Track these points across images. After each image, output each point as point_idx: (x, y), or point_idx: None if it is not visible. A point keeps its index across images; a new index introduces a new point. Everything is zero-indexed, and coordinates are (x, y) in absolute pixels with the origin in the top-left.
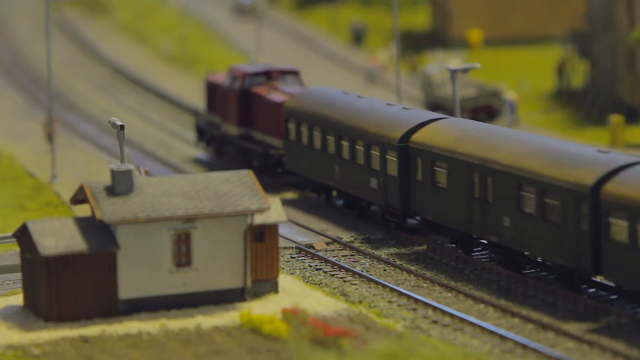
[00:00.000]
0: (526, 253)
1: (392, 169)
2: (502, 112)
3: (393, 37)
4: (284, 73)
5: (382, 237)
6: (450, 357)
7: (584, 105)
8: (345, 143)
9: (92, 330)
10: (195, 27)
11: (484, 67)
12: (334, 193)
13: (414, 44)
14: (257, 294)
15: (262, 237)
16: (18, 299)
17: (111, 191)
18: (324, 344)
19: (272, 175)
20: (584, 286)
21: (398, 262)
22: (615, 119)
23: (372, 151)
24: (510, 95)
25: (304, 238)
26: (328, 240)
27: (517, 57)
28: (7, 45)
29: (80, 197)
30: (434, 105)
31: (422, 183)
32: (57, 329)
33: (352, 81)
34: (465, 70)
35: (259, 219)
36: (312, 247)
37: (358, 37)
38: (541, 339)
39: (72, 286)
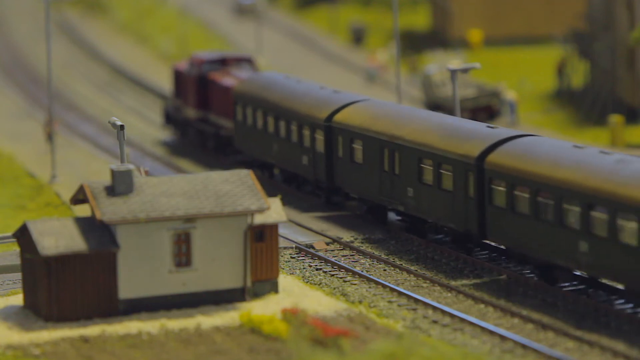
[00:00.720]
0: (428, 220)
1: (320, 146)
2: (502, 112)
3: (393, 37)
4: (238, 60)
5: (382, 237)
6: (450, 357)
7: (584, 105)
8: (282, 123)
9: (92, 330)
10: (195, 27)
11: (484, 67)
12: (276, 170)
13: (414, 44)
14: (257, 294)
15: (262, 237)
16: (18, 299)
17: (111, 191)
18: (324, 344)
19: (224, 154)
20: (476, 249)
21: (398, 262)
22: (615, 119)
23: (303, 130)
24: (510, 95)
25: (303, 238)
26: (328, 240)
27: (517, 57)
28: (7, 45)
29: (80, 197)
30: (434, 105)
31: (343, 159)
32: (57, 329)
33: (352, 81)
34: (465, 70)
35: (258, 219)
36: (312, 247)
37: (358, 37)
38: (541, 339)
39: (72, 286)
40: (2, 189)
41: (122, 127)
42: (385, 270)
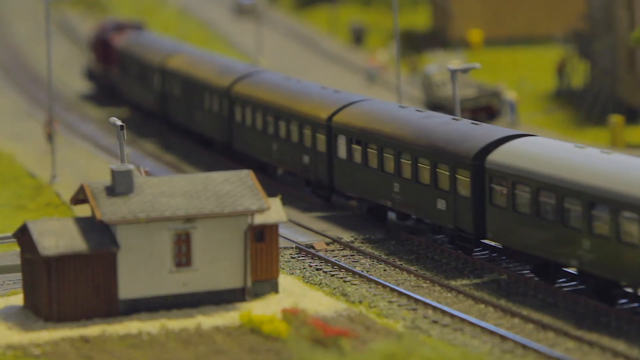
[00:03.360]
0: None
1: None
2: (502, 112)
3: (393, 37)
4: (130, 27)
5: (382, 237)
6: (450, 357)
7: (584, 106)
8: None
9: (92, 330)
10: (195, 27)
11: (484, 67)
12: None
13: (414, 44)
14: (257, 294)
15: (262, 237)
16: (18, 299)
17: (111, 191)
18: (324, 344)
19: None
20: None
21: (398, 262)
22: (616, 119)
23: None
24: (510, 95)
25: (304, 238)
26: (328, 240)
27: (517, 57)
28: (7, 45)
29: (80, 197)
30: (434, 105)
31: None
32: (57, 329)
33: (352, 81)
34: (465, 71)
35: (259, 219)
36: (312, 247)
37: (358, 37)
38: (541, 339)
39: (72, 286)
40: (2, 189)
41: (122, 127)
42: (385, 270)
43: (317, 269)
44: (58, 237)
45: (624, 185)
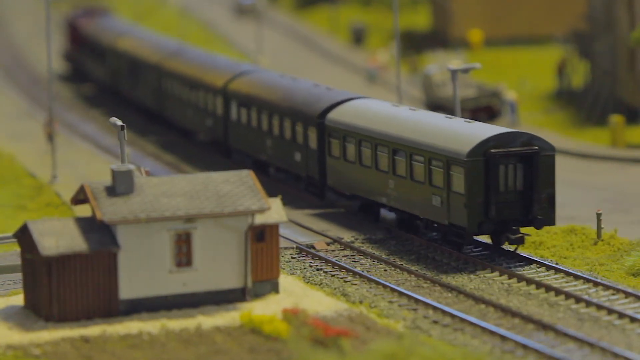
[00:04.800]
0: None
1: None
2: (502, 112)
3: (393, 37)
4: (98, 12)
5: (382, 237)
6: (451, 358)
7: (585, 106)
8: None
9: (93, 330)
10: (195, 27)
11: (484, 67)
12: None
13: (414, 44)
14: (257, 294)
15: (262, 237)
16: (18, 299)
17: (112, 191)
18: (324, 344)
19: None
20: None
21: (398, 262)
22: (616, 119)
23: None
24: (510, 95)
25: (304, 238)
26: (328, 240)
27: (517, 57)
28: (7, 45)
29: (80, 197)
30: (435, 105)
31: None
32: (57, 329)
33: (352, 81)
34: (465, 71)
35: (259, 219)
36: (312, 247)
37: (358, 37)
38: (542, 340)
39: (72, 286)
40: (3, 189)
41: (122, 127)
42: (385, 270)
43: (317, 269)
44: (58, 237)
45: (415, 134)
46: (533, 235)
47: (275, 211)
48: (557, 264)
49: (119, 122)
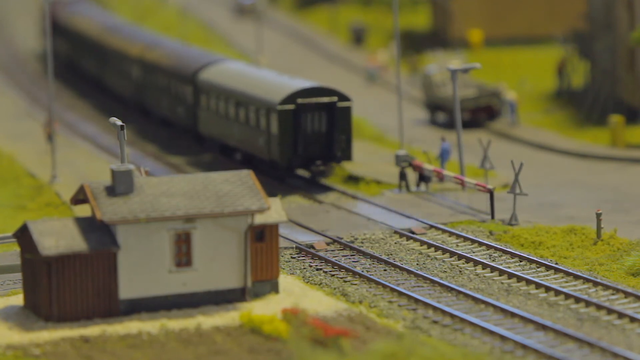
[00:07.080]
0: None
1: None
2: (502, 112)
3: (393, 37)
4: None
5: (382, 237)
6: (451, 358)
7: (584, 106)
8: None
9: (92, 330)
10: (195, 27)
11: (484, 67)
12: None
13: (414, 44)
14: (257, 294)
15: (262, 237)
16: (18, 299)
17: (111, 191)
18: (324, 344)
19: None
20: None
21: (398, 262)
22: (616, 119)
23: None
24: (510, 95)
25: (304, 238)
26: (328, 240)
27: (517, 57)
28: (7, 45)
29: (80, 197)
30: (434, 105)
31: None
32: (57, 329)
33: (352, 81)
34: (465, 71)
35: (259, 219)
36: (312, 247)
37: (358, 37)
38: (541, 340)
39: (72, 286)
40: (2, 189)
41: (122, 127)
42: (385, 270)
43: (317, 269)
44: (58, 237)
45: (248, 88)
46: (533, 235)
47: (274, 211)
48: (556, 263)
49: (119, 122)
